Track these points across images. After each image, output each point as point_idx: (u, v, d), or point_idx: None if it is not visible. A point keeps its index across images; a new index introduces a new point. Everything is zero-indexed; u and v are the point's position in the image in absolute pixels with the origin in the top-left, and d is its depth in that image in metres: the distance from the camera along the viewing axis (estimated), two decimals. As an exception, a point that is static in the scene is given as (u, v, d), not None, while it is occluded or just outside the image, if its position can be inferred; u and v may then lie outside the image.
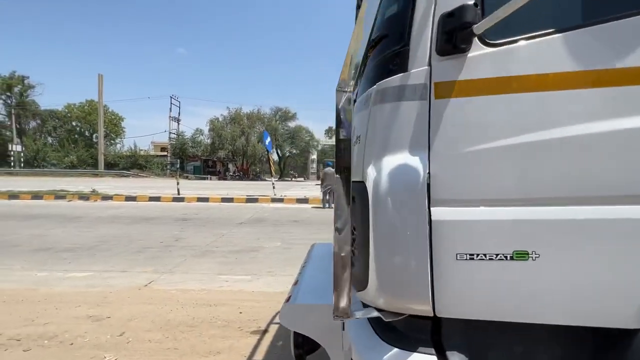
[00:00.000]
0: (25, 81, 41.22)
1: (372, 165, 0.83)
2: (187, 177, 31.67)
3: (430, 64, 0.78)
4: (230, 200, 11.82)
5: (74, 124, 45.17)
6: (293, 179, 36.58)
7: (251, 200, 11.70)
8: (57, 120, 43.81)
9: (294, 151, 40.70)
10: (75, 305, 3.07)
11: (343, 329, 1.07)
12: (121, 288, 3.53)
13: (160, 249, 5.17)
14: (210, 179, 33.01)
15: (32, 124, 43.56)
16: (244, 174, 37.14)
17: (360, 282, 0.84)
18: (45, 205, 10.82)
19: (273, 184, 13.30)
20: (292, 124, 39.57)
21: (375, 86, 0.86)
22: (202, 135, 40.59)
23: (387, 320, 0.80)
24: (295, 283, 1.44)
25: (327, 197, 10.29)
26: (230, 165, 42.36)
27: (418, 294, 0.75)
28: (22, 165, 35.46)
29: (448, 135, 0.76)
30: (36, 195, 12.33)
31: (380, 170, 0.79)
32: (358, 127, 1.07)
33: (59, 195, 12.62)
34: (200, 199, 11.97)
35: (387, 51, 0.85)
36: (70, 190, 13.96)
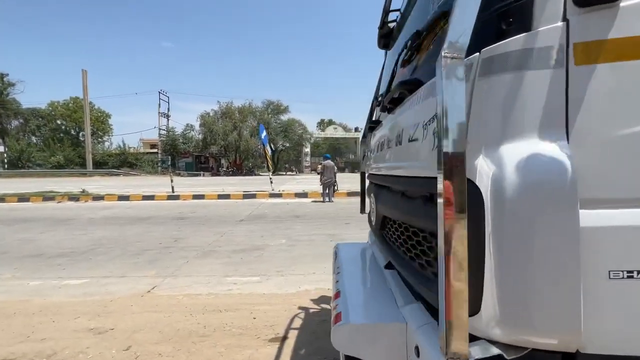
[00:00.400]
0: (5, 78, 39.64)
1: (483, 157, 0.63)
2: (179, 174, 31.09)
3: (566, 19, 0.58)
4: (226, 197, 11.55)
5: (58, 122, 43.78)
6: (288, 173, 36.31)
7: (248, 196, 11.45)
8: (40, 119, 42.37)
9: (287, 145, 40.27)
10: (73, 316, 2.83)
11: (418, 355, 0.89)
12: (122, 295, 3.30)
13: (159, 251, 4.93)
14: (204, 176, 32.49)
15: (15, 123, 42.04)
16: (238, 170, 36.64)
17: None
18: (33, 207, 10.39)
19: (270, 178, 13.04)
20: (284, 117, 39.09)
21: (479, 53, 0.66)
22: (193, 130, 39.78)
23: (509, 359, 0.61)
24: (337, 296, 1.25)
25: (327, 190, 10.10)
26: (223, 161, 41.75)
27: (561, 325, 0.57)
28: (5, 166, 34.29)
29: (595, 113, 0.57)
30: (22, 198, 11.85)
31: (502, 164, 0.60)
32: (424, 110, 0.87)
33: (47, 196, 12.15)
34: (195, 197, 11.66)
35: (496, 4, 0.64)
36: (58, 191, 13.47)
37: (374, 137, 1.72)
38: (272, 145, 38.34)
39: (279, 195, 11.60)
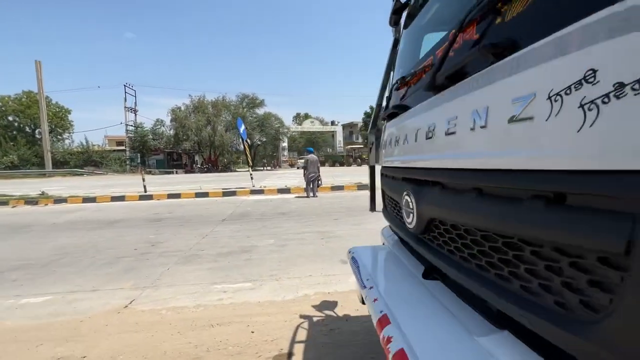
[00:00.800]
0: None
1: None
2: (150, 172, 29.57)
3: None
4: (205, 195, 10.95)
5: (10, 118, 40.17)
6: (266, 168, 35.53)
7: (228, 193, 10.92)
8: (-12, 116, 38.70)
9: (264, 139, 39.37)
10: (35, 344, 2.40)
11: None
12: (95, 313, 2.87)
13: (135, 258, 4.46)
14: (177, 173, 31.11)
15: (-42, 120, 38.14)
16: (213, 166, 35.42)
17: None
18: (-16, 213, 9.32)
19: (251, 174, 12.54)
20: (260, 111, 38.13)
21: None
22: (163, 126, 37.94)
23: None
24: (385, 321, 0.99)
25: (311, 185, 9.82)
26: (197, 157, 40.24)
27: None
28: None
29: None
30: (-29, 203, 10.63)
31: None
32: (549, 74, 0.62)
33: (0, 201, 10.98)
34: (171, 196, 10.97)
35: None
36: (13, 195, 12.25)
37: (400, 125, 1.47)
38: (249, 140, 37.41)
39: (260, 192, 11.16)
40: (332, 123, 51.49)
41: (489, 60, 0.77)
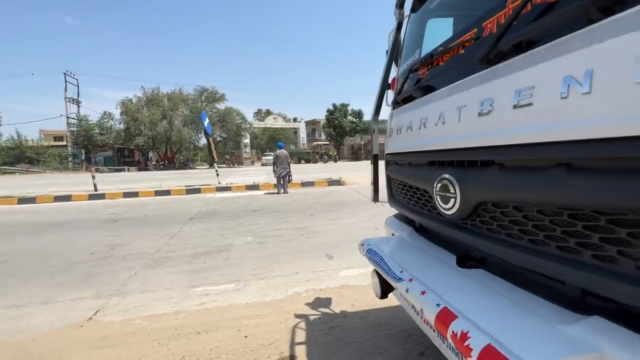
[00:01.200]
0: None
1: None
2: (98, 170, 27.04)
3: None
4: (166, 193, 10.18)
5: None
6: (223, 165, 34.17)
7: (192, 191, 10.26)
8: None
9: (224, 135, 37.87)
10: (-24, 372, 1.98)
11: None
12: (50, 329, 2.46)
13: (95, 263, 3.95)
14: (128, 171, 28.79)
15: None
16: (170, 163, 33.35)
17: None
18: None
19: (217, 170, 11.90)
20: (221, 106, 36.57)
21: None
22: (112, 120, 34.83)
23: None
24: (450, 316, 0.89)
25: (282, 181, 9.56)
26: (151, 154, 37.65)
27: None
28: None
29: None
30: None
31: None
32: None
33: None
34: (127, 194, 10.04)
35: None
36: None
37: (425, 106, 1.38)
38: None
39: (227, 189, 10.64)
40: (295, 120, 51.06)
41: (589, 18, 0.69)
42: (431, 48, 1.98)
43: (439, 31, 1.96)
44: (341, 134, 44.27)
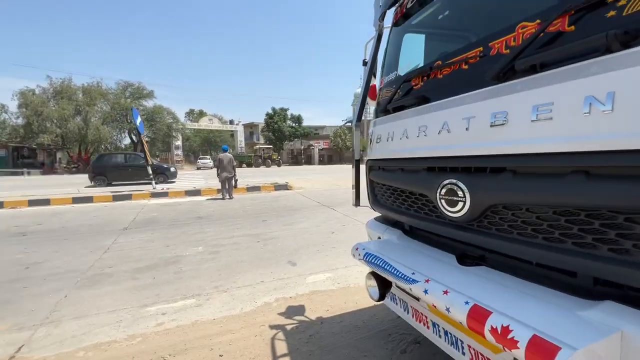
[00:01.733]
0: None
1: None
2: (-15, 173, 22.27)
3: None
4: (87, 200, 8.81)
5: None
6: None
7: (121, 197, 9.08)
8: None
9: (152, 136, 34.49)
10: None
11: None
12: (-44, 376, 1.93)
13: (4, 287, 3.22)
14: (29, 174, 24.25)
15: None
16: (85, 166, 29.06)
17: None
18: None
19: (151, 174, 10.72)
20: (148, 103, 33.28)
21: None
22: (5, 112, 29.07)
23: None
24: (483, 313, 0.94)
25: (226, 186, 9.09)
26: (60, 155, 32.40)
27: None
28: None
29: None
30: None
31: None
32: None
33: None
34: (34, 202, 8.41)
35: None
36: None
37: (425, 115, 1.46)
38: (134, 137, 32.35)
39: (164, 195, 9.67)
40: (231, 122, 49.20)
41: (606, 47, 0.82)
42: (411, 61, 2.11)
43: (417, 46, 2.11)
44: (281, 138, 44.13)
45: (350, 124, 47.77)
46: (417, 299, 1.52)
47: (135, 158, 13.52)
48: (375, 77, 2.15)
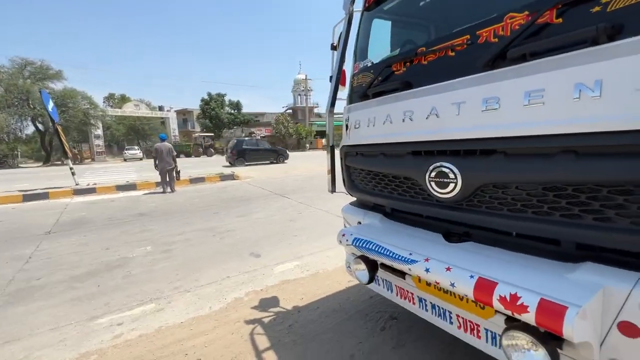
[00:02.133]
0: None
1: None
2: None
3: None
4: (-14, 201, 7.27)
5: None
6: (76, 162, 27.01)
7: (34, 196, 7.67)
8: None
9: (65, 123, 29.72)
10: None
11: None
12: None
13: None
14: None
15: None
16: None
17: None
18: None
19: (71, 168, 9.19)
20: (57, 86, 28.44)
21: None
22: None
23: None
24: (489, 284, 1.01)
25: (167, 178, 8.33)
26: None
27: None
28: None
29: None
30: None
31: None
32: None
33: None
34: None
35: None
36: None
37: (410, 101, 1.50)
38: (40, 125, 27.62)
39: (91, 191, 8.45)
40: (161, 108, 44.84)
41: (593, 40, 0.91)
42: (380, 47, 2.13)
43: (384, 32, 2.13)
44: (219, 125, 41.72)
45: (290, 110, 47.25)
46: (403, 278, 1.59)
47: (262, 143, 18.30)
48: (344, 61, 2.12)
